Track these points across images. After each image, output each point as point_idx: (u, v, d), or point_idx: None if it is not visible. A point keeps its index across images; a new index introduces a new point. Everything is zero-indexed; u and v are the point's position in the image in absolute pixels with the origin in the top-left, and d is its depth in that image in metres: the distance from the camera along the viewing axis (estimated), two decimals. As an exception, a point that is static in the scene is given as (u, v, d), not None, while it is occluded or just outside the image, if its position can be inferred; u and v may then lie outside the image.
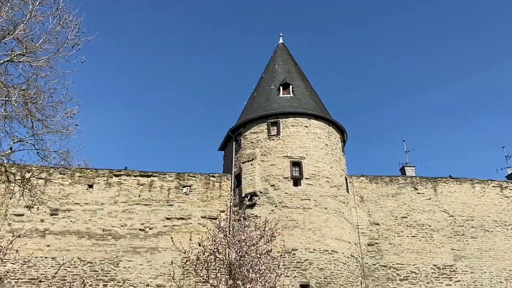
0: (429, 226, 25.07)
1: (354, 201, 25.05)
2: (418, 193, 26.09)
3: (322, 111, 26.17)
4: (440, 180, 26.67)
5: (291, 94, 26.12)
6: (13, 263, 19.74)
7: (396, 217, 25.15)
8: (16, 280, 19.93)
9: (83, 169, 19.59)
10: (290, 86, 26.30)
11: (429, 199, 25.99)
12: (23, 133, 14.92)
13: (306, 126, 24.44)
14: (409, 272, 23.54)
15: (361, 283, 22.10)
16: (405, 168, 28.86)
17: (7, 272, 18.92)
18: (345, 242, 22.09)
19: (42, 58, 13.16)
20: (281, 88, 26.33)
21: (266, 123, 24.68)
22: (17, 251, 12.87)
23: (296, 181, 22.83)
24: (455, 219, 25.51)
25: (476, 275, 23.86)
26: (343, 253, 21.62)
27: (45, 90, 13.61)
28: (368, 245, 24.05)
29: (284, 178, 22.86)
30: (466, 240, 24.88)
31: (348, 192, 24.65)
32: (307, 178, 22.89)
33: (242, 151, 24.73)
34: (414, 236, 24.66)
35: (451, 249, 24.52)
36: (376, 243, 24.17)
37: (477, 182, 26.86)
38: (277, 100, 25.99)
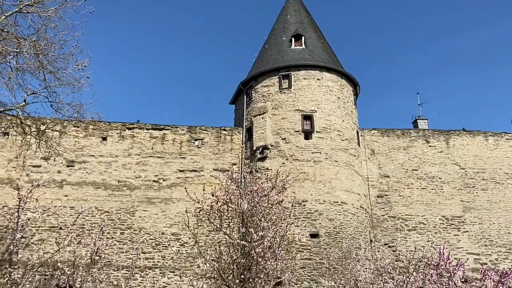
0: (440, 178, 25.23)
1: (365, 154, 25.15)
2: (430, 146, 26.04)
3: (335, 63, 25.68)
4: (453, 133, 26.51)
5: (303, 46, 25.57)
6: (33, 212, 20.60)
7: (407, 169, 25.31)
8: (36, 228, 20.86)
9: (97, 122, 19.84)
10: (302, 38, 25.69)
11: (441, 152, 25.96)
12: (36, 86, 15.02)
13: (318, 79, 24.12)
14: (418, 223, 24.02)
15: (370, 233, 22.68)
16: (418, 121, 28.63)
17: (28, 219, 19.78)
18: (354, 194, 22.45)
19: (50, 8, 13.00)
20: (293, 39, 25.74)
21: (277, 76, 24.40)
22: (36, 200, 13.37)
23: (307, 135, 22.88)
24: (466, 171, 25.59)
25: (485, 226, 24.26)
26: (353, 205, 22.04)
27: (55, 41, 13.60)
28: (378, 197, 24.43)
29: (295, 131, 22.91)
30: (476, 192, 25.09)
31: (359, 146, 24.70)
32: (318, 132, 22.91)
33: (253, 105, 24.67)
34: (424, 188, 24.92)
35: (461, 200, 24.80)
36: (386, 195, 24.52)
37: (490, 135, 26.63)
38: (289, 52, 25.50)
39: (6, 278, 10.89)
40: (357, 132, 24.95)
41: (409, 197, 24.59)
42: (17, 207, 11.84)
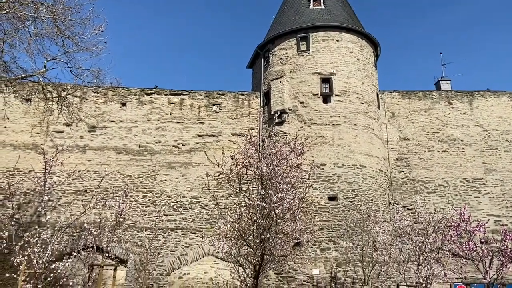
0: (462, 140, 24.79)
1: (385, 117, 24.79)
2: (452, 108, 25.45)
3: (355, 23, 24.89)
4: (476, 94, 25.76)
5: (322, 6, 24.79)
6: (59, 176, 21.25)
7: (428, 132, 24.91)
8: (62, 192, 21.60)
9: (115, 87, 19.98)
10: (321, -4, 24.84)
11: (464, 113, 25.37)
12: (55, 52, 15.13)
13: (337, 40, 23.51)
14: (438, 185, 23.88)
15: (388, 196, 22.71)
16: (441, 82, 27.82)
17: (54, 183, 20.44)
18: (373, 157, 22.33)
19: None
20: (311, -1, 24.92)
21: (295, 38, 23.87)
22: (61, 163, 13.76)
23: (326, 98, 22.58)
24: (489, 133, 25.03)
25: (506, 188, 23.95)
26: (372, 168, 21.97)
27: (72, 6, 13.53)
28: (397, 160, 24.26)
29: (313, 95, 22.63)
30: (499, 154, 24.61)
31: (379, 108, 24.31)
32: (337, 95, 22.58)
33: (270, 68, 24.34)
34: (445, 151, 24.58)
35: (483, 163, 24.42)
36: (406, 158, 24.32)
37: (516, 95, 25.79)
38: (307, 12, 24.78)
39: (36, 238, 11.39)
40: (377, 95, 24.48)
41: (430, 159, 24.34)
42: (43, 170, 12.22)
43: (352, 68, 23.25)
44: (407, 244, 14.48)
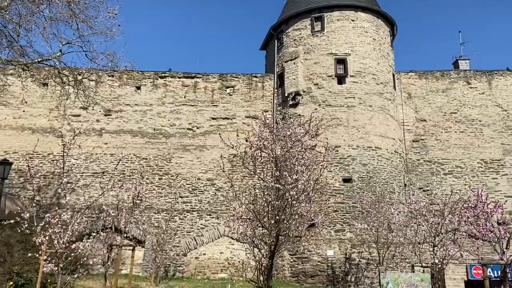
0: (480, 121, 24.33)
1: (401, 98, 24.43)
2: (470, 88, 24.90)
3: (371, 2, 24.33)
4: (496, 73, 25.11)
5: (337, -15, 24.23)
6: (76, 159, 21.67)
7: (445, 113, 24.50)
8: (81, 174, 22.04)
9: (130, 71, 20.06)
10: (336, -25, 24.27)
11: (482, 93, 24.82)
12: (70, 36, 15.23)
13: (352, 20, 23.06)
14: (454, 167, 23.59)
15: (404, 178, 22.54)
16: (459, 61, 27.17)
17: (73, 165, 20.88)
18: (389, 139, 22.11)
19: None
20: (325, -22, 24.37)
21: (309, 18, 23.50)
22: (79, 146, 13.99)
23: (341, 79, 22.32)
24: (508, 113, 24.48)
25: (525, 169, 23.54)
26: (387, 149, 21.78)
27: (85, -11, 13.52)
28: (413, 141, 23.99)
29: (328, 76, 22.38)
30: (518, 135, 24.12)
31: (395, 89, 23.94)
32: (352, 76, 22.28)
33: (284, 50, 24.09)
34: (462, 132, 24.19)
35: (501, 143, 23.96)
36: (422, 139, 24.03)
37: (537, 74, 25.06)
38: (322, -9, 24.28)
39: (57, 219, 11.67)
40: (393, 75, 24.08)
41: (447, 141, 24.00)
42: (62, 153, 12.44)
43: (368, 48, 22.85)
44: (423, 226, 14.41)
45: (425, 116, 24.42)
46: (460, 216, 12.69)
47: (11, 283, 12.10)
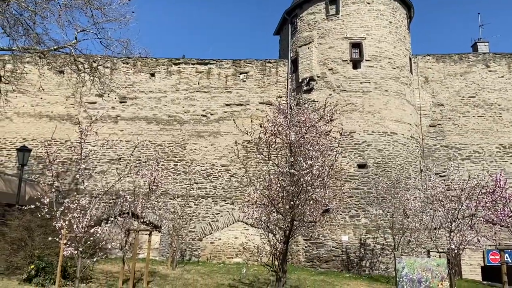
0: (499, 105, 23.80)
1: (417, 82, 24.01)
2: (489, 71, 24.31)
3: (387, -16, 23.76)
4: (516, 56, 24.45)
5: (352, -33, 23.72)
6: (93, 146, 22.00)
7: (463, 97, 24.03)
8: (97, 160, 22.40)
9: (144, 58, 20.16)
10: (351, -44, 23.74)
11: (502, 76, 24.20)
12: (85, 23, 15.33)
13: (368, 3, 22.61)
14: (472, 152, 23.22)
15: (420, 163, 22.30)
16: (478, 44, 26.50)
17: (90, 152, 21.22)
18: (405, 124, 21.82)
19: None
20: (341, -41, 23.88)
21: (324, 2, 23.12)
22: (96, 133, 14.18)
23: (356, 64, 22.00)
24: (528, 97, 23.92)
25: (545, 154, 23.03)
26: (403, 135, 21.52)
27: (99, -25, 13.55)
28: (430, 126, 23.64)
29: (342, 61, 22.08)
30: (538, 119, 23.56)
31: (411, 73, 23.53)
32: (368, 60, 21.94)
33: (298, 34, 23.82)
34: (481, 116, 23.72)
35: (521, 128, 23.47)
36: (439, 124, 23.66)
37: (559, 57, 24.30)
38: (336, -26, 23.82)
39: (75, 204, 11.92)
40: (410, 59, 23.64)
41: (464, 125, 23.58)
42: (79, 140, 12.63)
43: (384, 32, 22.43)
44: (439, 211, 14.27)
45: (443, 100, 23.99)
46: (477, 202, 12.52)
47: (32, 266, 12.45)
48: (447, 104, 23.90)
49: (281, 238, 12.21)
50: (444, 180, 19.95)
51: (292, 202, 11.76)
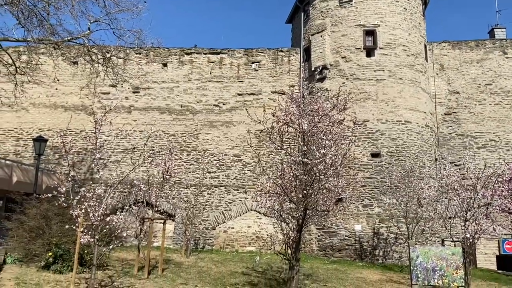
0: (516, 93, 23.34)
1: (433, 69, 23.61)
2: (507, 58, 23.77)
3: (401, -31, 23.27)
4: (535, 42, 23.85)
5: (366, -48, 23.26)
6: (108, 136, 22.24)
7: (479, 84, 23.58)
8: (112, 150, 22.67)
9: (156, 48, 20.22)
10: None
11: (520, 63, 23.68)
12: (98, 14, 15.40)
13: (382, -12, 22.19)
14: (488, 140, 22.85)
15: (435, 152, 22.03)
16: (495, 30, 25.87)
17: (104, 141, 21.48)
18: (420, 112, 21.53)
19: None
20: None
21: (337, -11, 22.77)
22: (110, 122, 14.31)
23: (369, 52, 21.71)
24: (547, 84, 23.37)
25: None
26: (417, 123, 21.26)
27: (111, -35, 13.57)
28: (445, 114, 23.30)
29: (356, 49, 21.79)
30: (559, 105, 23.02)
31: (426, 61, 23.13)
32: (382, 48, 21.62)
33: (311, 22, 23.55)
34: (497, 104, 23.28)
35: (539, 115, 22.98)
36: (454, 112, 23.30)
37: None
38: (350, -40, 23.39)
39: (91, 193, 12.08)
40: (425, 46, 23.22)
41: (481, 113, 23.18)
42: (94, 129, 12.76)
43: (398, 19, 22.04)
44: (454, 200, 14.10)
45: (458, 88, 23.58)
46: (493, 190, 12.32)
47: (50, 253, 12.72)
48: (463, 92, 23.49)
49: (294, 227, 12.24)
50: (460, 169, 19.73)
51: (305, 191, 11.75)
